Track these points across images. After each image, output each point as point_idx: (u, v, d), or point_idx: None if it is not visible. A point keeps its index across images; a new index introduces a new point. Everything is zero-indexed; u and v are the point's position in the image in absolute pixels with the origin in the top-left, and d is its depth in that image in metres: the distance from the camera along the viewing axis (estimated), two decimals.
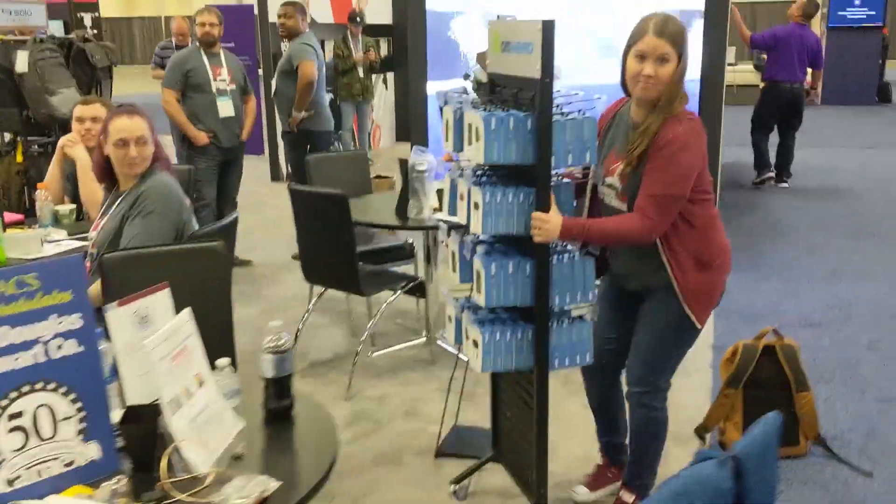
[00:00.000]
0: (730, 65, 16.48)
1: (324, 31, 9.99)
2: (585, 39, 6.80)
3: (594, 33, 6.80)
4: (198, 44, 5.74)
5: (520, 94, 2.52)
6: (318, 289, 4.59)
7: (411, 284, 4.31)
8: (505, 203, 2.53)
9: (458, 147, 2.67)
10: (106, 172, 3.43)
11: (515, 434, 2.99)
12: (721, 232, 2.85)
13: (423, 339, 4.66)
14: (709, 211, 2.77)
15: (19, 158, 5.44)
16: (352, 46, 9.31)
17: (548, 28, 2.38)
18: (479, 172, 2.66)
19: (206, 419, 1.99)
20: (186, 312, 2.10)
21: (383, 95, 11.34)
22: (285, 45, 6.53)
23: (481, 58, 6.86)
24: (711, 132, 6.63)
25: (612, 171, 2.74)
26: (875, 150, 11.44)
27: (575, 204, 2.83)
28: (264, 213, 7.92)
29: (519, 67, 2.52)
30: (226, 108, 5.78)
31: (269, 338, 2.17)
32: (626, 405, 3.01)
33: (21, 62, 5.08)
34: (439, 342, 4.60)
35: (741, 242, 6.74)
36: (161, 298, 2.23)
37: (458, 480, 3.13)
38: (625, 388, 2.99)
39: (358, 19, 9.34)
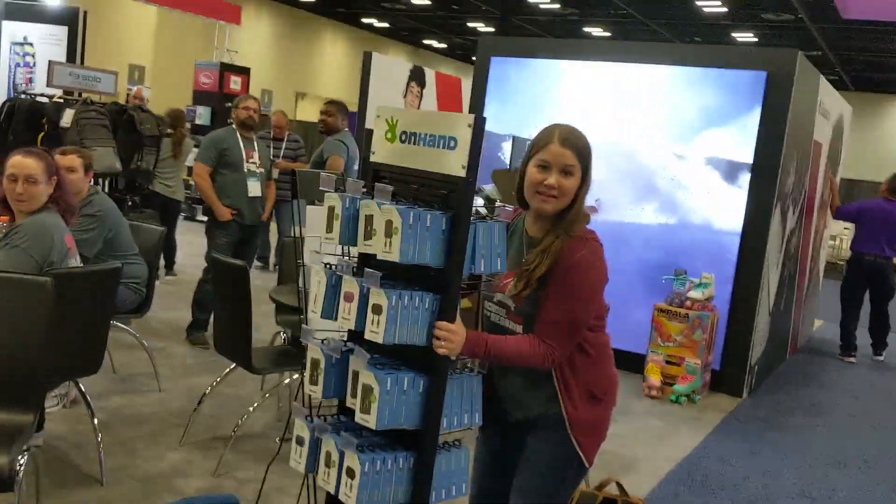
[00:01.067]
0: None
1: None
2: (625, 176, 6.59)
3: (633, 167, 6.57)
4: (234, 126, 6.05)
5: (422, 189, 2.30)
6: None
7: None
8: (411, 308, 2.23)
9: (349, 240, 2.41)
10: (6, 206, 3.66)
11: None
12: (611, 361, 2.60)
13: None
14: (602, 338, 2.55)
15: None
16: None
17: (479, 124, 2.19)
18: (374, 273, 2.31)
19: None
20: None
21: None
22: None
23: (497, 175, 6.85)
24: (750, 292, 6.19)
25: (503, 288, 2.50)
26: None
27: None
28: None
29: (431, 162, 2.29)
30: (254, 188, 6.03)
31: None
32: None
33: (66, 118, 5.60)
34: None
35: (767, 413, 6.10)
36: None
37: None
38: None
39: None
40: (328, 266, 2.42)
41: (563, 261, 2.37)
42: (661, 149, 6.46)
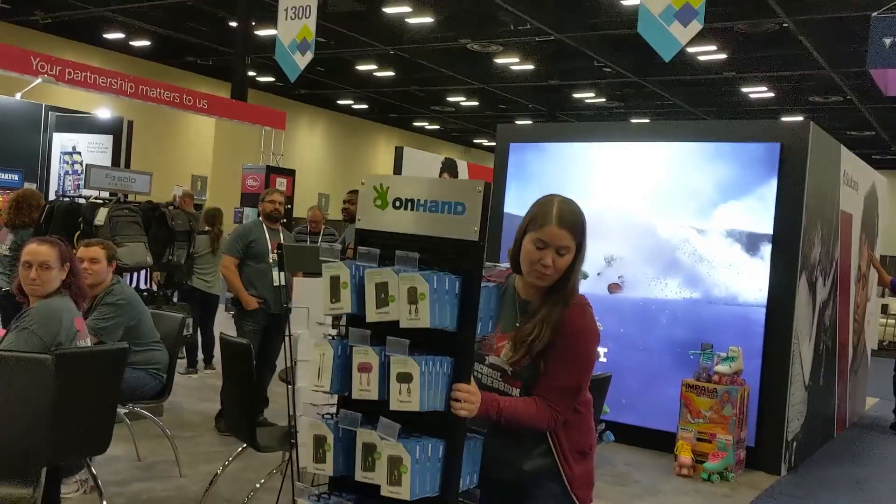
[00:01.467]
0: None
1: None
2: (647, 252, 6.58)
3: (654, 243, 6.56)
4: (261, 218, 6.27)
5: (426, 254, 2.28)
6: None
7: None
8: (434, 374, 2.22)
9: (358, 308, 2.32)
10: (22, 293, 3.85)
11: None
12: (592, 416, 2.67)
13: None
14: (587, 397, 2.61)
15: None
16: None
17: (489, 189, 2.28)
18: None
19: None
20: None
21: None
22: None
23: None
24: (781, 365, 6.02)
25: (498, 351, 2.52)
26: None
27: None
28: None
29: (434, 227, 2.31)
30: (279, 277, 6.18)
31: None
32: None
33: (100, 216, 5.89)
34: None
35: (806, 490, 5.87)
36: None
37: None
38: None
39: None
40: (332, 337, 2.36)
41: (566, 328, 2.44)
42: (681, 224, 6.46)
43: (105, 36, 19.24)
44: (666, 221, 6.53)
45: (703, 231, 6.38)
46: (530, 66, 19.01)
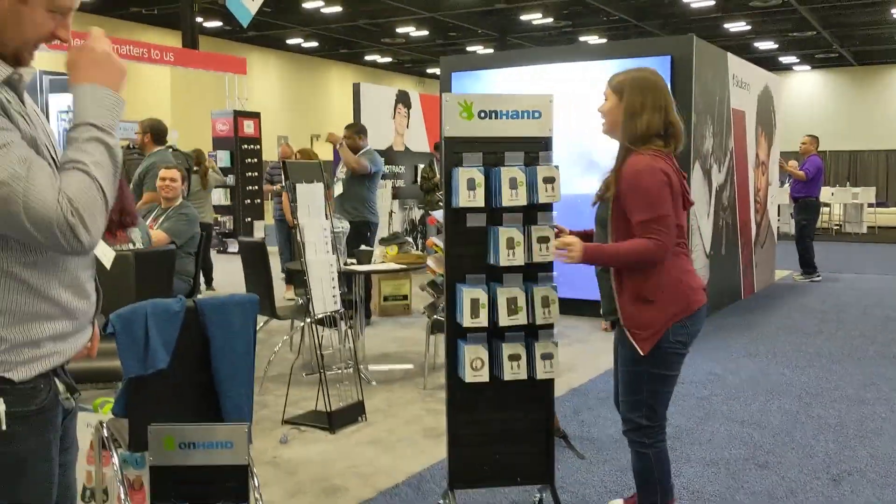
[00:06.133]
0: (870, 205, 16.90)
1: (418, 157, 12.16)
2: (573, 157, 8.33)
3: (577, 150, 8.32)
4: None
5: (508, 150, 3.32)
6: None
7: (319, 316, 5.89)
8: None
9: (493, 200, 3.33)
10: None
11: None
12: (677, 270, 3.22)
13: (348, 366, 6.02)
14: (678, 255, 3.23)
15: None
16: (436, 169, 11.35)
17: (552, 100, 3.50)
18: None
19: None
20: None
21: None
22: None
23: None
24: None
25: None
26: None
27: None
28: None
29: (515, 130, 3.37)
30: None
31: None
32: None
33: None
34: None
35: (703, 333, 7.70)
36: None
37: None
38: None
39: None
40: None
41: (621, 176, 3.10)
42: (595, 131, 8.18)
43: None
44: (583, 131, 8.25)
45: None
46: None
